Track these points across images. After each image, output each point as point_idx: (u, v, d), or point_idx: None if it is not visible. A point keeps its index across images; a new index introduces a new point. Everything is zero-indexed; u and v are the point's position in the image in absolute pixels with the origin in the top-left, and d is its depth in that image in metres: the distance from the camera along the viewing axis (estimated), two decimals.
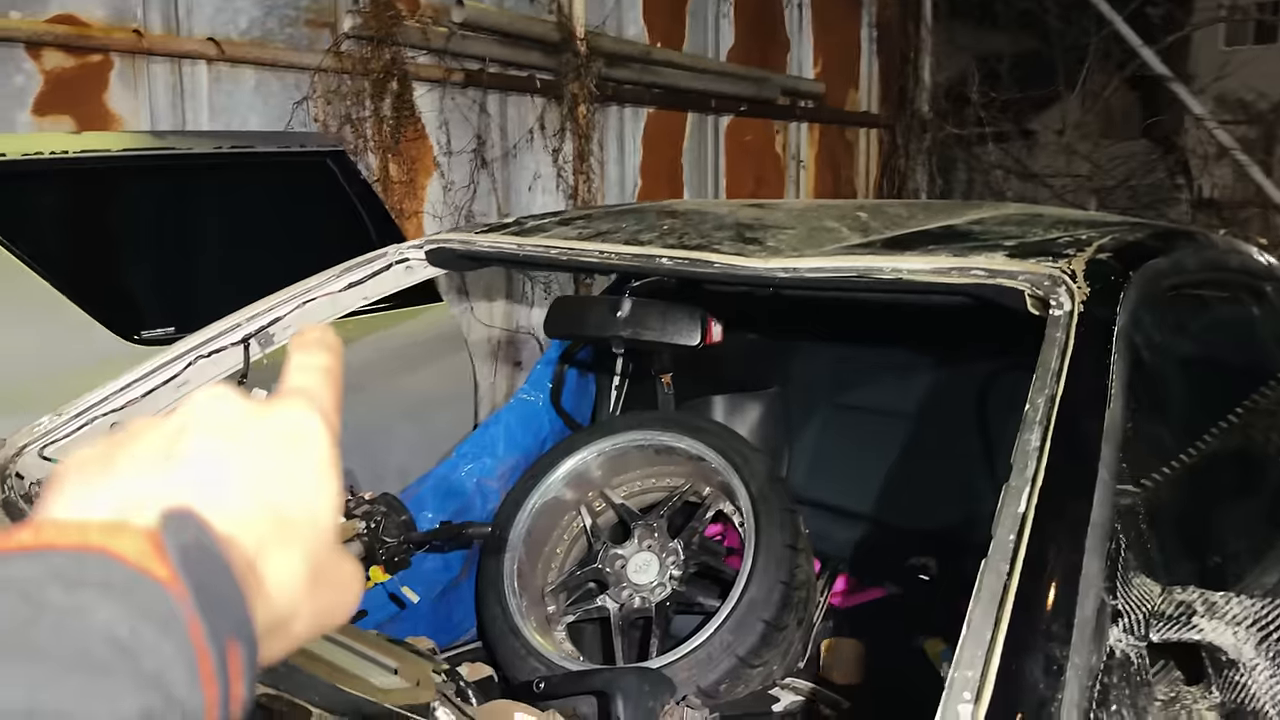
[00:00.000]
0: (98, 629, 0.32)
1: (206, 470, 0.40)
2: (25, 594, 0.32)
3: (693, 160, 6.21)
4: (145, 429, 0.42)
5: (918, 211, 2.12)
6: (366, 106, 4.13)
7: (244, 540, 0.39)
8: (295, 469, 0.42)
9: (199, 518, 0.37)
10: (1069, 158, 7.59)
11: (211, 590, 0.35)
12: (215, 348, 2.00)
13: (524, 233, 2.05)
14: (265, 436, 0.42)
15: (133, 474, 0.39)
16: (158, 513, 0.37)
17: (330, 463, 0.44)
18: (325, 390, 0.47)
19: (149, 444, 0.41)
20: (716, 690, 1.93)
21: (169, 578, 0.34)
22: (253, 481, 0.40)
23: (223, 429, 0.42)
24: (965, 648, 0.91)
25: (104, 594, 0.33)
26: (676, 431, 2.29)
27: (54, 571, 0.33)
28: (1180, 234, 1.82)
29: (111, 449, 0.41)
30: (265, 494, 0.40)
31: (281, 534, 0.40)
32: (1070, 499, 1.03)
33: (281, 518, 0.41)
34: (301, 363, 0.48)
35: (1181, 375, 1.59)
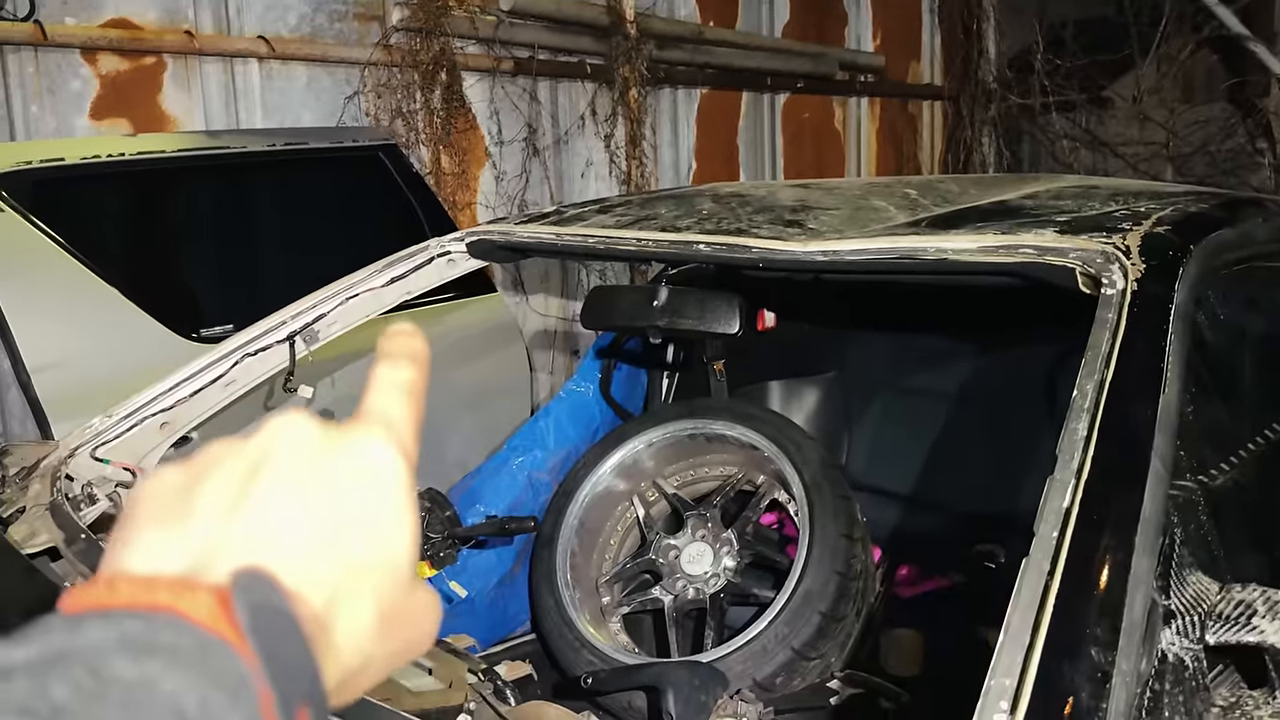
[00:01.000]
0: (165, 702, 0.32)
1: (280, 517, 0.39)
2: (92, 668, 0.32)
3: (748, 140, 6.12)
4: (220, 461, 0.41)
5: (970, 187, 2.04)
6: (417, 99, 4.14)
7: (316, 594, 0.38)
8: (371, 509, 0.41)
9: (270, 576, 0.36)
10: (1143, 125, 7.30)
11: (282, 654, 0.35)
12: (261, 346, 2.02)
13: (563, 222, 2.03)
14: (341, 475, 0.41)
15: (206, 519, 0.38)
16: (229, 568, 0.36)
17: (408, 499, 0.42)
18: (406, 413, 0.45)
19: (223, 483, 0.40)
20: (772, 683, 1.90)
21: (238, 641, 0.34)
22: (327, 527, 0.39)
23: (298, 467, 0.40)
24: (1003, 652, 0.86)
25: (172, 661, 0.33)
26: (728, 419, 2.25)
27: (123, 638, 0.33)
28: (1249, 203, 1.72)
29: (186, 485, 0.40)
30: (340, 540, 0.39)
31: (355, 582, 0.39)
32: (1119, 492, 0.97)
33: (355, 564, 0.40)
34: (384, 378, 0.46)
35: (1251, 356, 1.49)
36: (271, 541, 0.38)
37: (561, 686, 1.92)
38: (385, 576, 0.40)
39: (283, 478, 0.40)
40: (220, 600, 0.35)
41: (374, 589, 0.40)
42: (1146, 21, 7.35)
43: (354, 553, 0.40)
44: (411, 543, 0.42)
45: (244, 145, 3.27)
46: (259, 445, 0.41)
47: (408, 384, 0.46)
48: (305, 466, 0.40)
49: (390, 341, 0.48)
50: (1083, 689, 0.83)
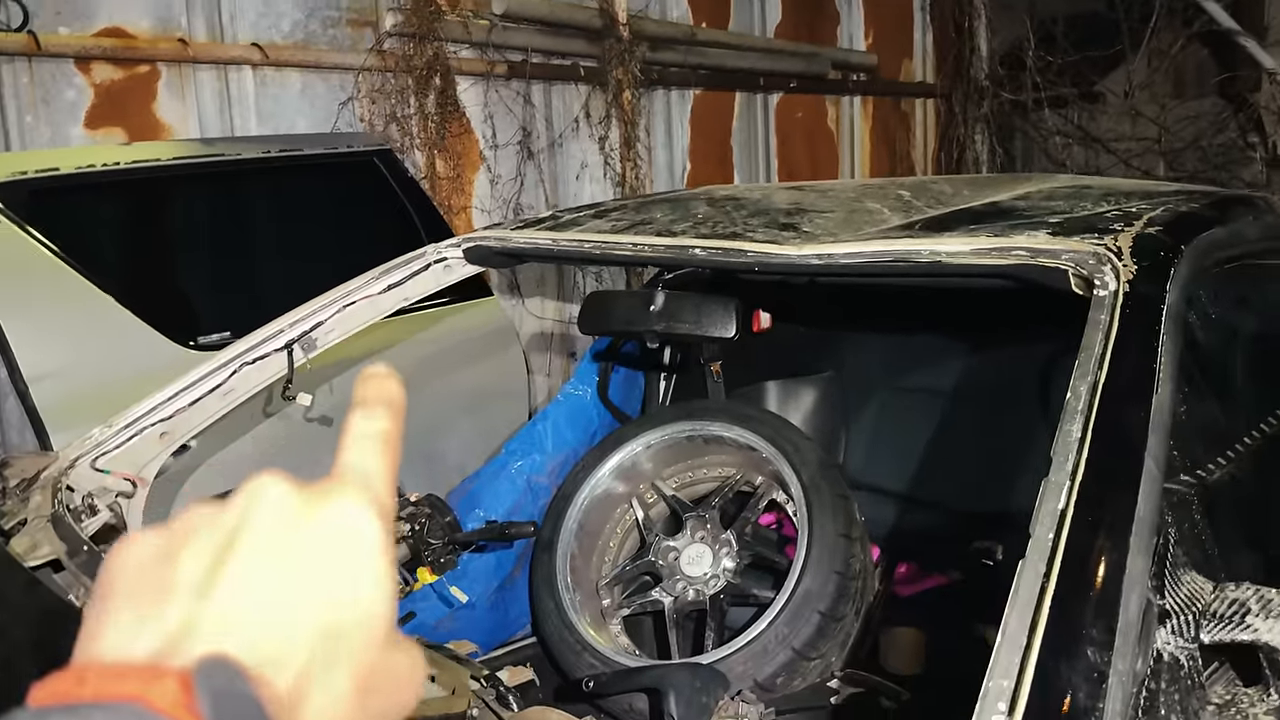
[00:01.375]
0: None
1: (253, 593, 0.39)
2: None
3: (742, 141, 6.13)
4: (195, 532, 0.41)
5: (963, 187, 2.05)
6: (411, 104, 4.15)
7: (287, 670, 0.38)
8: (348, 574, 0.41)
9: (234, 662, 0.37)
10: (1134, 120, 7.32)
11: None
12: (259, 354, 2.02)
13: (559, 227, 2.03)
14: (317, 541, 0.41)
15: (179, 597, 0.39)
16: (198, 651, 0.37)
17: (385, 562, 0.42)
18: (382, 468, 0.45)
19: (197, 557, 0.40)
20: (773, 683, 1.91)
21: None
22: (302, 598, 0.40)
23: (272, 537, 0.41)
24: (1000, 653, 0.87)
25: None
26: (725, 421, 2.26)
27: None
28: (1240, 201, 1.73)
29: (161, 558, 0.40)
30: (314, 609, 0.40)
31: (331, 650, 0.40)
32: (1113, 493, 0.98)
33: (331, 632, 0.40)
34: (360, 430, 0.46)
35: (1243, 354, 1.51)
36: (243, 619, 0.38)
37: (563, 689, 1.93)
38: (362, 642, 0.40)
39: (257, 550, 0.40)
40: (184, 687, 0.35)
41: (350, 655, 0.40)
42: (1137, 17, 7.38)
43: (329, 620, 0.40)
44: (388, 606, 0.42)
45: (239, 153, 3.27)
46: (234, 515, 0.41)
47: (383, 434, 0.46)
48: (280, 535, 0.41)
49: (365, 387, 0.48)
50: (1080, 689, 0.84)
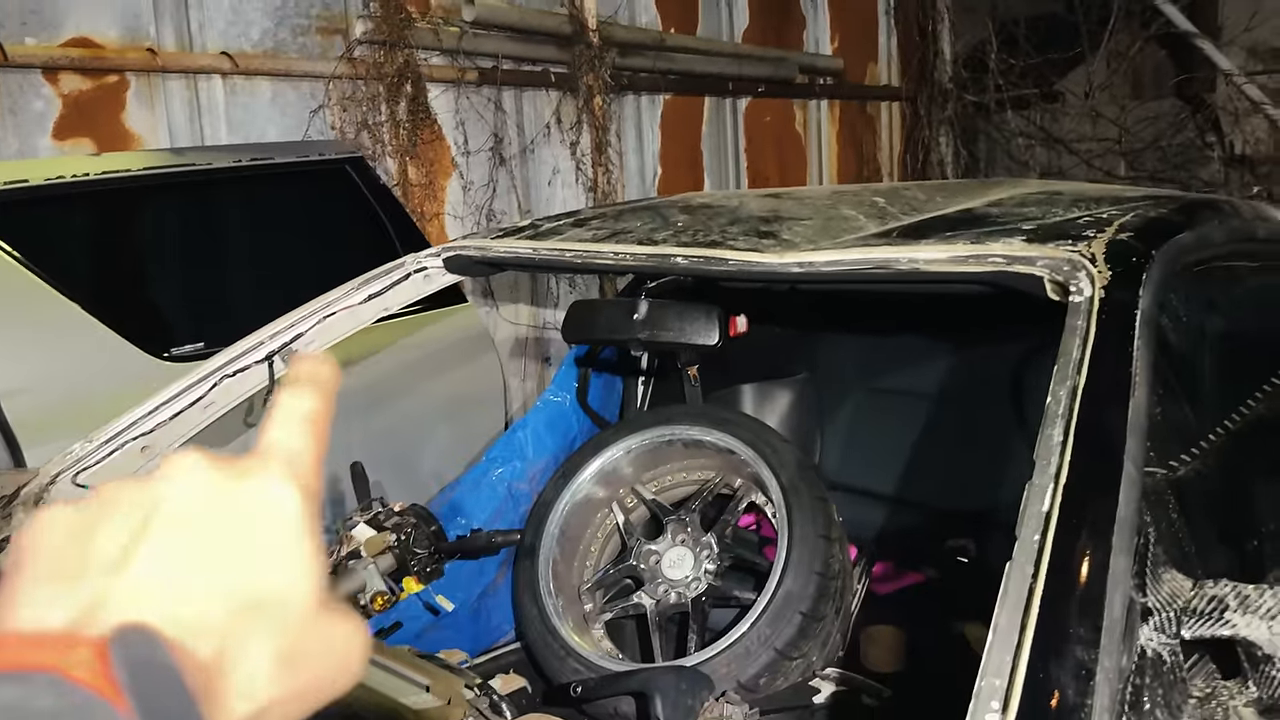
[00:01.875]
0: None
1: (170, 565, 0.39)
2: None
3: (712, 145, 6.17)
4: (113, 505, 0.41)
5: (936, 194, 2.09)
6: (382, 111, 4.14)
7: (206, 642, 0.38)
8: (267, 548, 0.41)
9: (151, 629, 0.36)
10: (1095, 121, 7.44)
11: (163, 709, 0.35)
12: (239, 367, 2.02)
13: (539, 236, 2.05)
14: (235, 515, 0.41)
15: (95, 569, 0.39)
16: (111, 624, 0.36)
17: (304, 533, 0.42)
18: (306, 445, 0.45)
19: (114, 530, 0.40)
20: (756, 684, 1.93)
21: (116, 698, 0.34)
22: (220, 571, 0.40)
23: (191, 510, 0.41)
24: (991, 654, 0.90)
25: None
26: (704, 425, 2.29)
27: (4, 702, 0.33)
28: (1205, 205, 1.78)
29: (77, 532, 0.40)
30: (231, 584, 0.40)
31: (249, 624, 0.39)
32: (1095, 495, 1.01)
33: (249, 605, 0.40)
34: (286, 410, 0.46)
35: (1213, 353, 1.55)
36: (160, 590, 0.38)
37: (550, 694, 1.94)
38: (284, 615, 0.40)
39: (175, 523, 0.40)
40: (100, 656, 0.35)
41: (274, 626, 0.40)
42: (1095, 19, 7.50)
43: (250, 592, 0.40)
44: (312, 578, 0.42)
45: (209, 162, 3.25)
46: (152, 490, 0.41)
47: (310, 413, 0.46)
48: (199, 510, 0.40)
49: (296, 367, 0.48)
50: (1069, 686, 0.87)
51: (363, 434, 2.93)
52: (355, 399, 2.99)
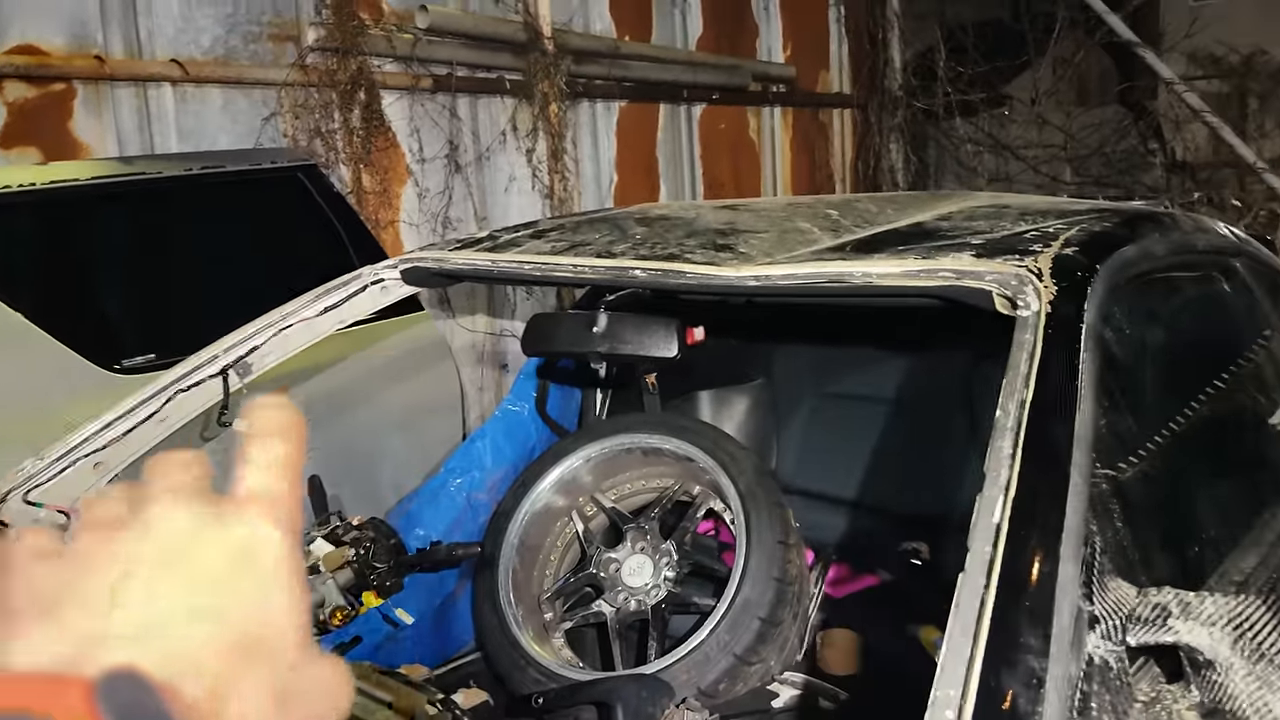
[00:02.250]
0: None
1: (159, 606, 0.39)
2: None
3: (668, 152, 6.20)
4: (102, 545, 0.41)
5: (887, 206, 2.13)
6: (335, 118, 4.11)
7: (196, 685, 0.38)
8: (253, 590, 0.42)
9: (139, 673, 0.37)
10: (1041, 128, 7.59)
11: None
12: (193, 381, 2.00)
13: (497, 248, 2.05)
14: (221, 557, 0.42)
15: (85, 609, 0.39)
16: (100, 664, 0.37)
17: (290, 575, 0.43)
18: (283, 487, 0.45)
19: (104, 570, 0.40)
20: (716, 690, 1.95)
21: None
22: (206, 614, 0.40)
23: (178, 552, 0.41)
24: (945, 664, 0.92)
25: None
26: (663, 433, 2.30)
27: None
28: (1147, 218, 1.83)
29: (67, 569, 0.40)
30: (219, 625, 0.40)
31: (237, 666, 0.40)
32: (1043, 506, 1.05)
33: (237, 647, 0.40)
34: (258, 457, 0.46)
35: (1156, 363, 1.60)
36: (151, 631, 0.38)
37: (513, 706, 1.95)
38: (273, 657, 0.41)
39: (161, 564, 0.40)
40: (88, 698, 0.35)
41: (264, 667, 0.40)
42: (1041, 27, 7.65)
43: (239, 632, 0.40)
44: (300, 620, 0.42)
45: (159, 170, 3.22)
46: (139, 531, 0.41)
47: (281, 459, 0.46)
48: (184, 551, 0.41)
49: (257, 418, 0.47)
50: (1020, 695, 0.90)
51: (320, 445, 2.90)
52: (312, 410, 2.96)
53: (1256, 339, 2.02)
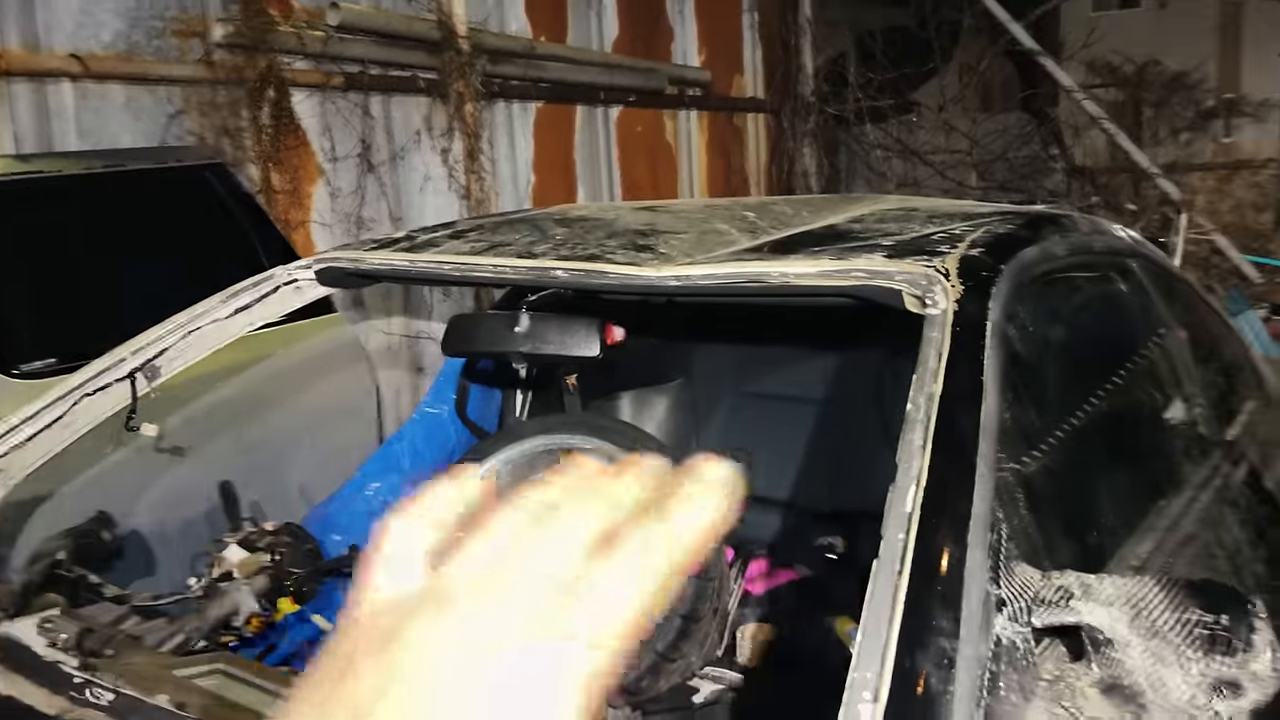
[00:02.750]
0: None
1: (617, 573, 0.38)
2: None
3: (585, 155, 6.21)
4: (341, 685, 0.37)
5: (802, 209, 2.17)
6: (244, 116, 4.02)
7: None
8: None
9: None
10: (948, 134, 7.81)
11: None
12: (100, 385, 1.94)
13: (415, 248, 2.03)
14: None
15: None
16: None
17: None
18: None
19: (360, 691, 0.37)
20: (638, 687, 1.97)
21: None
22: None
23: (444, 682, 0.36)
24: (863, 648, 0.96)
25: None
26: (584, 433, 2.31)
27: None
28: (1048, 220, 1.91)
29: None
30: None
31: None
32: (952, 496, 1.09)
33: None
34: None
35: (1057, 359, 1.67)
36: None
37: None
38: None
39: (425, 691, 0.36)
40: None
41: None
42: (947, 35, 7.87)
43: None
44: None
45: (59, 169, 3.11)
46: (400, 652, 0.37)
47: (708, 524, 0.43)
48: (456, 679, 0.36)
49: None
50: (933, 675, 0.94)
51: (231, 449, 2.85)
52: (222, 413, 2.90)
53: (1151, 336, 2.12)
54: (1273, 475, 2.26)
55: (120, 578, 1.90)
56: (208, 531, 2.54)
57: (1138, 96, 8.45)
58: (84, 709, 1.13)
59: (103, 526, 1.88)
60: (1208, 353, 2.39)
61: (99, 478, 2.35)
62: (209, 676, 1.37)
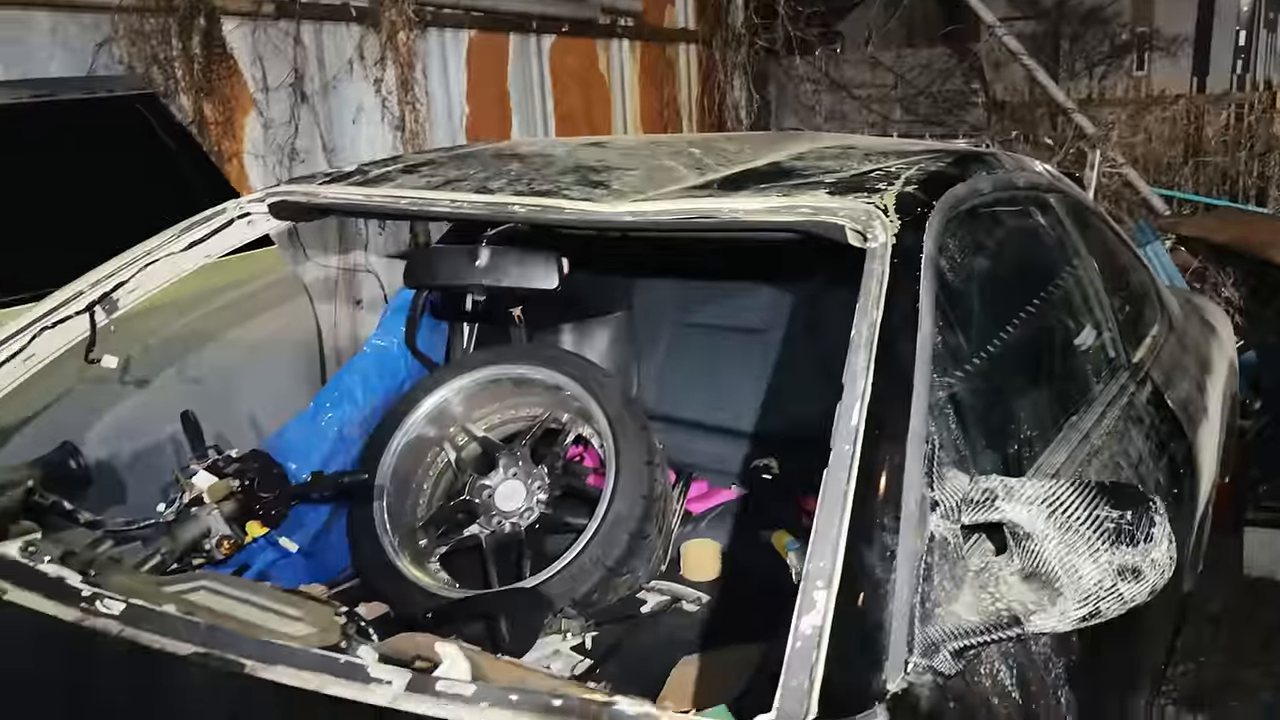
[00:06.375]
0: None
1: None
2: None
3: (519, 85, 6.18)
4: None
5: (745, 145, 2.27)
6: (174, 45, 3.94)
7: None
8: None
9: None
10: (874, 69, 7.92)
11: None
12: (59, 318, 1.96)
13: (369, 182, 2.07)
14: None
15: None
16: None
17: None
18: None
19: None
20: (589, 600, 2.10)
21: None
22: None
23: None
24: (815, 544, 1.08)
25: None
26: (532, 363, 2.40)
27: None
28: (975, 158, 2.03)
29: None
30: None
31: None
32: (892, 412, 1.21)
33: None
34: None
35: (982, 288, 1.80)
36: None
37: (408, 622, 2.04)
38: None
39: None
40: None
41: None
42: None
43: None
44: None
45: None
46: None
47: None
48: None
49: None
50: (876, 566, 1.07)
51: (180, 381, 2.87)
52: (170, 347, 2.92)
53: (1066, 266, 2.28)
54: (1175, 394, 2.46)
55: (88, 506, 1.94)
56: (165, 461, 2.59)
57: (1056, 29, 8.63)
58: (97, 618, 1.21)
59: (70, 455, 1.92)
60: (1117, 282, 2.57)
61: (58, 410, 2.37)
62: (196, 592, 1.45)
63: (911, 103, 8.03)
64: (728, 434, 2.79)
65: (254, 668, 1.13)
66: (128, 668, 1.19)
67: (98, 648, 1.21)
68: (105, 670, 1.21)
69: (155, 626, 1.19)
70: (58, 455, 1.91)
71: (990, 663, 1.24)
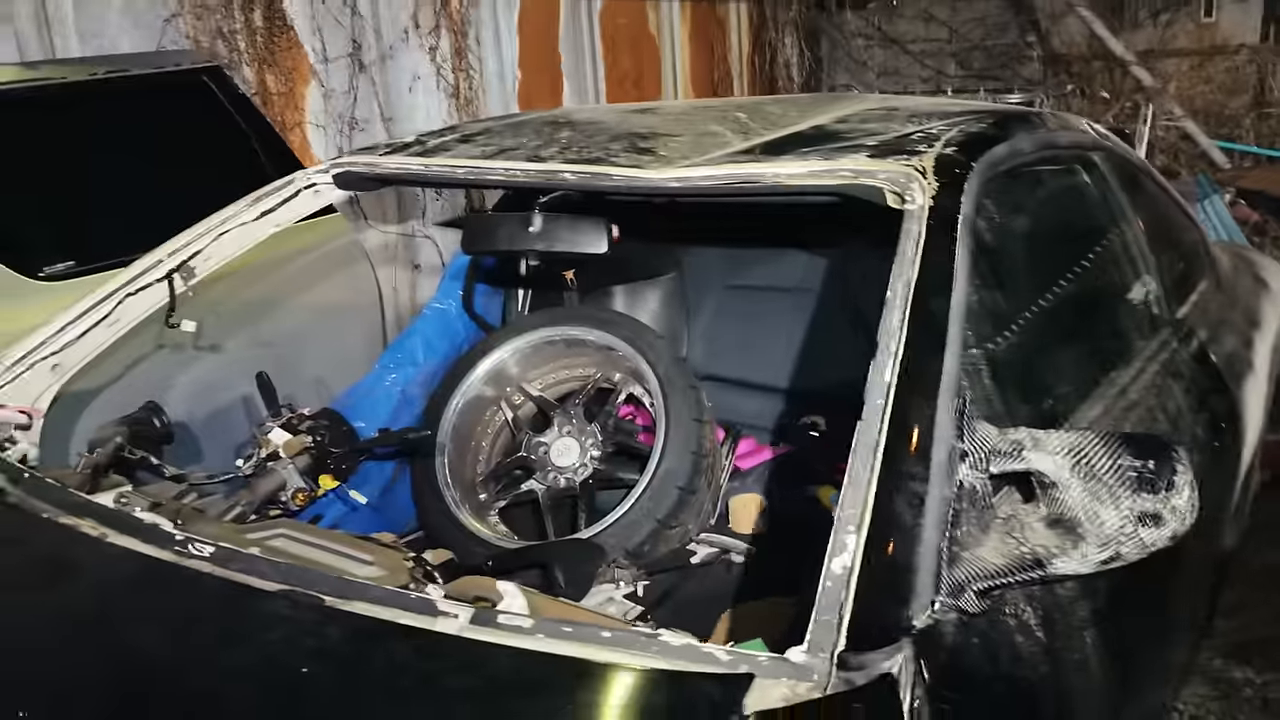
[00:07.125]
0: None
1: None
2: None
3: (570, 48, 6.22)
4: None
5: (790, 109, 2.31)
6: (237, 18, 4.05)
7: None
8: None
9: None
10: (928, 23, 7.81)
11: None
12: (141, 285, 2.08)
13: (427, 152, 2.15)
14: None
15: None
16: None
17: None
18: None
19: None
20: (641, 551, 2.19)
21: None
22: None
23: None
24: (848, 492, 1.16)
25: None
26: (585, 325, 2.48)
27: None
28: (1017, 118, 2.05)
29: None
30: None
31: None
32: (924, 367, 1.28)
33: None
34: None
35: (1021, 247, 1.84)
36: None
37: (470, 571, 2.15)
38: None
39: None
40: None
41: None
42: None
43: None
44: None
45: (64, 76, 3.18)
46: None
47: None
48: None
49: None
50: (906, 513, 1.14)
51: (251, 344, 3.00)
52: (241, 312, 3.05)
53: (1109, 224, 2.30)
54: (1219, 349, 2.47)
55: (171, 462, 2.08)
56: (238, 420, 2.73)
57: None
58: (190, 559, 1.33)
59: (154, 414, 2.05)
60: (1164, 238, 2.57)
61: (142, 371, 2.52)
62: (276, 539, 1.56)
63: (966, 57, 7.92)
64: (774, 392, 2.85)
65: (333, 602, 1.23)
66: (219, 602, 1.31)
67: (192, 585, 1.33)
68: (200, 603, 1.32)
69: (242, 567, 1.30)
70: (143, 414, 2.05)
71: (1015, 604, 1.30)
